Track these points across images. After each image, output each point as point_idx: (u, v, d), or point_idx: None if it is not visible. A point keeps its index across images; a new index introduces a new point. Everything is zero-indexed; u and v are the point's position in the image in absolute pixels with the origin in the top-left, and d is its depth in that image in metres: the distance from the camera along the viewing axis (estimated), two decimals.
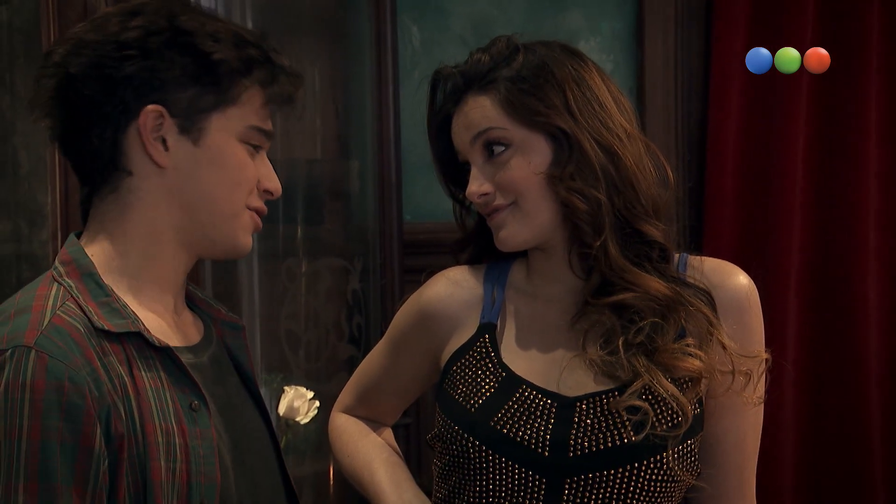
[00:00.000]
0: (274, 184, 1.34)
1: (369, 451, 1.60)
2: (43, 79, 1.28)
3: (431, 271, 1.58)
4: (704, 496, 1.47)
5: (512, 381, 1.43)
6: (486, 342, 1.47)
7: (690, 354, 1.39)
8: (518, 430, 1.40)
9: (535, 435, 1.39)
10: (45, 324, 1.19)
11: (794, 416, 2.74)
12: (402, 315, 1.59)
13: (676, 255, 1.49)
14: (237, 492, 1.29)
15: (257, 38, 1.30)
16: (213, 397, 1.30)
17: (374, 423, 1.67)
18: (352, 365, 2.54)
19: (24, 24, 2.36)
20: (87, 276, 1.26)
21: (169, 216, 1.28)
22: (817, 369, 2.78)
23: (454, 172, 1.53)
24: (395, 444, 1.67)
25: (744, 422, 1.46)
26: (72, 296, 1.23)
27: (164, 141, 1.26)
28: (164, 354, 1.27)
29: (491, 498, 1.41)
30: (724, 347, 1.41)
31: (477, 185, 1.45)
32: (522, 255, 1.53)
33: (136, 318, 1.25)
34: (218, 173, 1.29)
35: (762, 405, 1.47)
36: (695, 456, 1.42)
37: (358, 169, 2.63)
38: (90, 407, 1.16)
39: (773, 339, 1.49)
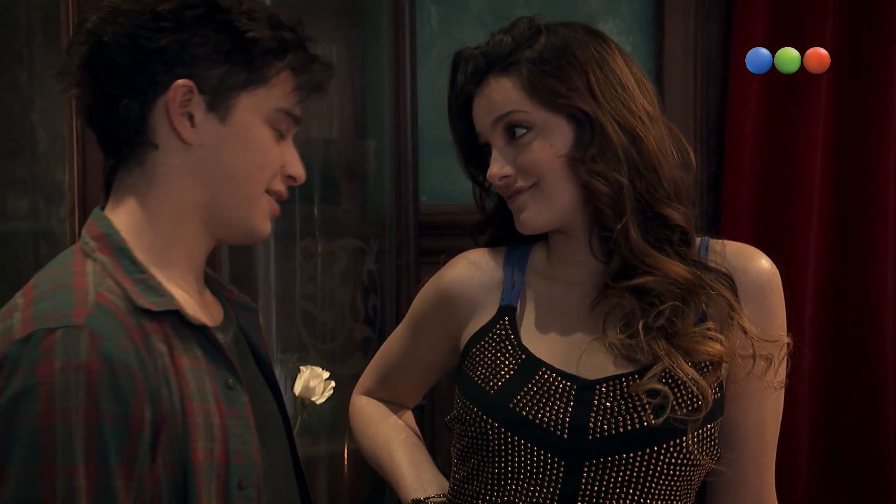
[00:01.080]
0: (297, 170, 1.34)
1: (388, 433, 1.61)
2: (75, 45, 1.27)
3: (451, 254, 1.58)
4: (723, 480, 1.47)
5: (531, 364, 1.43)
6: (505, 324, 1.47)
7: (711, 338, 1.39)
8: (537, 412, 1.40)
9: (554, 417, 1.39)
10: (90, 302, 1.18)
11: (810, 403, 2.74)
12: (423, 297, 1.59)
13: (698, 239, 1.48)
14: (263, 472, 1.29)
15: (293, 22, 1.30)
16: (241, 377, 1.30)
17: (395, 406, 1.67)
18: (367, 346, 2.55)
19: (43, 1, 2.36)
20: (120, 251, 1.25)
21: (193, 193, 1.28)
22: (834, 356, 2.76)
23: (474, 154, 1.52)
24: (416, 427, 1.67)
25: (763, 407, 1.45)
26: (107, 272, 1.23)
27: (190, 117, 1.26)
28: (199, 333, 1.27)
29: (509, 480, 1.41)
30: (744, 332, 1.40)
31: (498, 168, 1.45)
32: (542, 237, 1.53)
33: (172, 296, 1.25)
34: (242, 153, 1.28)
35: (783, 391, 1.47)
36: (715, 440, 1.41)
37: (374, 149, 2.62)
38: (139, 389, 1.16)
39: (790, 326, 1.48)
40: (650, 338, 1.39)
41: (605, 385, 1.40)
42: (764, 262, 1.46)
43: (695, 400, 1.38)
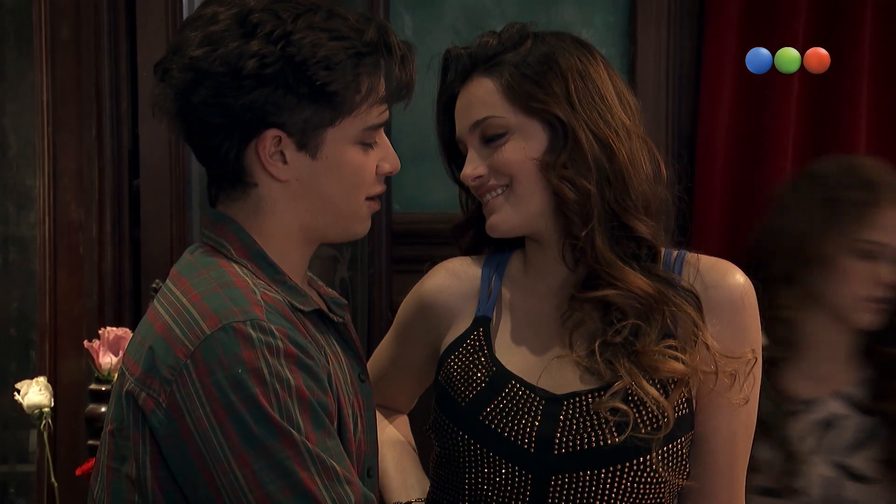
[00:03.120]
0: (392, 163, 1.39)
1: (379, 437, 1.61)
2: (161, 99, 1.31)
3: (432, 262, 1.59)
4: (693, 495, 1.47)
5: (502, 377, 1.44)
6: (479, 336, 1.48)
7: (672, 357, 1.39)
8: (506, 425, 1.41)
9: (521, 431, 1.40)
10: (261, 301, 1.24)
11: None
12: (405, 306, 1.61)
13: (675, 252, 1.49)
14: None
15: (373, 42, 1.31)
16: None
17: (389, 411, 1.67)
18: None
19: (15, 4, 2.35)
20: (257, 255, 1.31)
21: (297, 219, 1.33)
22: None
23: (458, 156, 1.53)
24: (409, 432, 1.68)
25: (734, 422, 1.46)
26: (254, 274, 1.29)
27: (282, 155, 1.30)
28: (334, 329, 1.35)
29: (479, 491, 1.42)
30: (708, 348, 1.41)
31: (471, 168, 1.47)
32: (521, 246, 1.53)
33: (310, 296, 1.32)
34: (337, 181, 1.33)
35: (756, 406, 1.47)
36: (682, 457, 1.42)
37: None
38: (324, 374, 1.24)
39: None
40: (609, 355, 1.40)
41: (571, 401, 1.41)
42: (738, 277, 1.47)
43: (657, 419, 1.38)
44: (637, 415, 1.38)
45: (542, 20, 2.75)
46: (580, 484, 1.38)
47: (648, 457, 1.37)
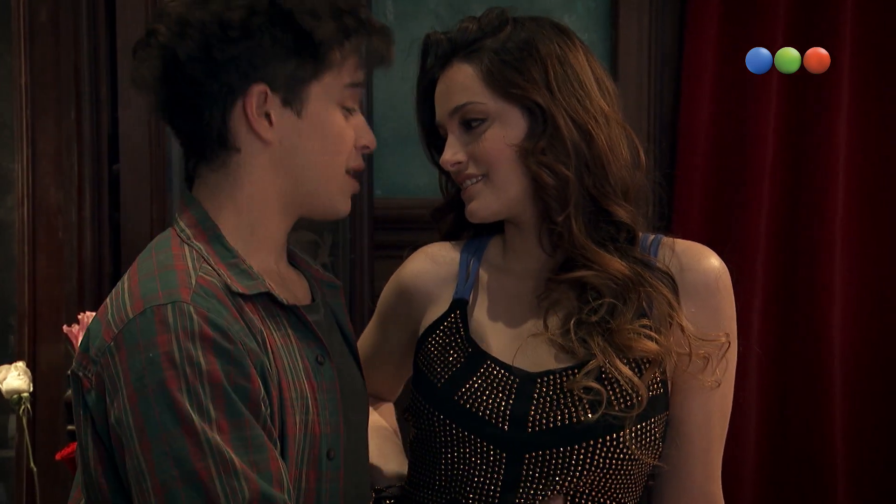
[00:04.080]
0: (369, 137, 1.39)
1: None
2: (147, 59, 1.31)
3: (415, 247, 1.59)
4: (669, 474, 1.48)
5: (477, 357, 1.45)
6: (456, 318, 1.49)
7: (646, 336, 1.40)
8: (480, 404, 1.42)
9: (495, 410, 1.41)
10: (193, 283, 1.24)
11: (757, 397, 2.77)
12: (386, 291, 1.62)
13: (651, 236, 1.50)
14: (345, 443, 1.36)
15: (354, 5, 1.33)
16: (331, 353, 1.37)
17: (374, 398, 1.68)
18: None
19: None
20: (214, 238, 1.31)
21: (276, 186, 1.33)
22: (781, 357, 2.80)
23: (437, 139, 1.53)
24: (394, 419, 1.69)
25: (709, 403, 1.47)
26: (203, 258, 1.28)
27: (267, 116, 1.30)
28: (289, 312, 1.33)
29: (456, 470, 1.43)
30: (682, 330, 1.42)
31: (451, 154, 1.47)
32: (501, 230, 1.54)
33: (263, 279, 1.31)
34: (321, 142, 1.33)
35: (731, 388, 1.48)
36: (655, 437, 1.43)
37: None
38: (251, 357, 1.23)
39: (738, 326, 1.50)
40: (584, 334, 1.41)
41: (545, 378, 1.42)
42: (713, 261, 1.48)
43: (630, 397, 1.39)
44: (610, 393, 1.38)
45: (524, 6, 2.74)
46: (553, 461, 1.39)
47: (621, 434, 1.38)
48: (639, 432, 1.40)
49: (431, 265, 1.56)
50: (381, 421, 1.64)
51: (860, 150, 2.79)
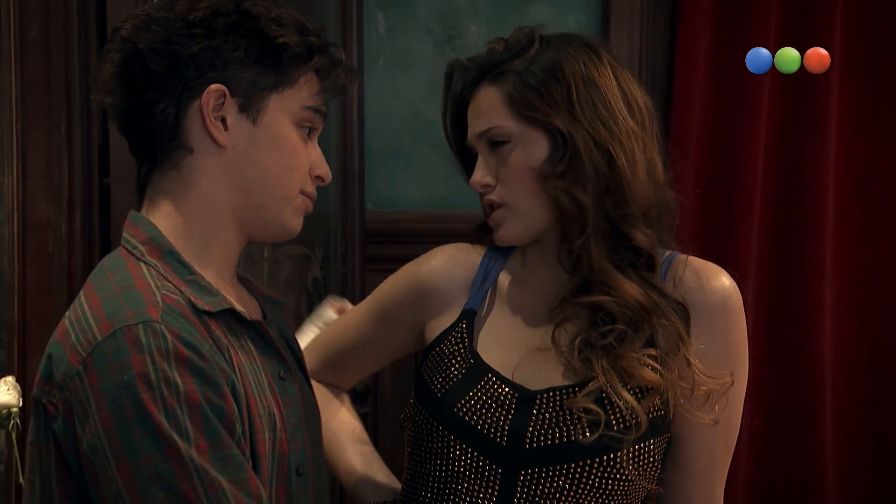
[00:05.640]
0: (324, 170, 1.38)
1: (339, 427, 1.62)
2: (109, 53, 1.30)
3: (402, 260, 1.59)
4: (670, 495, 1.48)
5: (479, 369, 1.45)
6: (462, 329, 1.49)
7: (648, 366, 1.39)
8: (479, 418, 1.41)
9: (494, 424, 1.41)
10: (160, 302, 1.21)
11: (747, 412, 2.76)
12: (396, 285, 1.59)
13: (667, 253, 1.50)
14: (313, 461, 1.35)
15: (318, 28, 1.34)
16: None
17: (334, 389, 1.67)
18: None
19: None
20: (168, 254, 1.28)
21: (228, 195, 1.31)
22: (772, 362, 2.79)
23: (471, 158, 1.54)
24: (356, 413, 1.68)
25: (710, 428, 1.46)
26: (161, 275, 1.26)
27: (223, 120, 1.29)
28: (250, 328, 1.31)
29: (450, 482, 1.43)
30: (689, 364, 1.41)
31: (480, 176, 1.48)
32: None
33: (223, 295, 1.29)
34: (274, 154, 1.31)
35: (738, 413, 1.48)
36: (653, 458, 1.42)
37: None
38: (223, 376, 1.21)
39: None
40: (590, 354, 1.41)
41: (545, 395, 1.41)
42: (725, 280, 1.48)
43: (628, 421, 1.39)
44: (610, 416, 1.38)
45: (515, 19, 2.75)
46: (548, 479, 1.39)
47: (618, 454, 1.38)
48: (637, 453, 1.40)
49: (454, 266, 1.55)
50: (354, 424, 1.63)
51: (852, 161, 2.80)
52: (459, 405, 1.42)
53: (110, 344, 1.17)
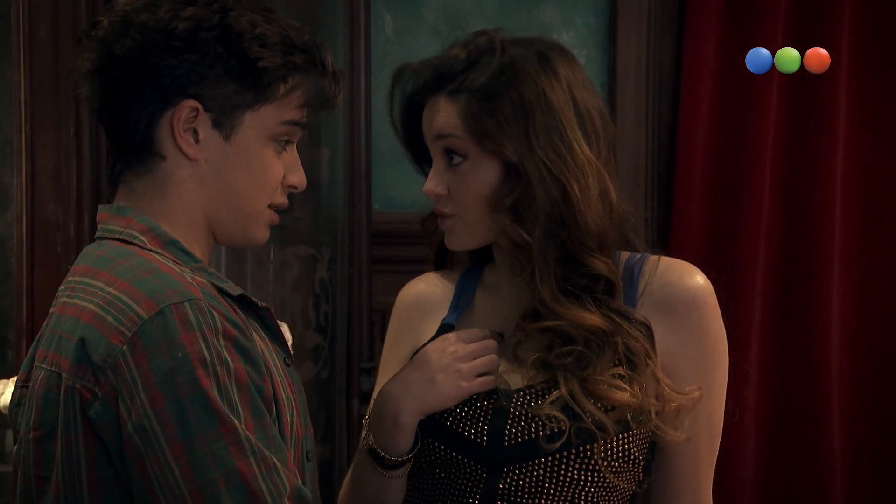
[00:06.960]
0: (299, 178, 1.35)
1: None
2: (85, 51, 1.28)
3: (412, 262, 1.61)
4: (658, 493, 1.49)
5: None
6: None
7: (618, 387, 1.39)
8: (460, 422, 1.43)
9: (474, 427, 1.43)
10: (192, 282, 1.20)
11: (755, 415, 2.77)
12: (389, 325, 1.61)
13: (637, 255, 1.49)
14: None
15: (306, 41, 1.30)
16: None
17: None
18: (318, 353, 2.54)
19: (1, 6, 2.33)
20: (170, 244, 1.27)
21: (201, 204, 1.29)
22: (780, 368, 2.80)
23: (425, 154, 1.52)
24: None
25: (694, 423, 1.45)
26: (175, 260, 1.24)
27: (195, 132, 1.26)
28: (259, 315, 1.30)
29: (440, 486, 1.45)
30: (657, 381, 1.41)
31: (433, 185, 1.47)
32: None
33: (232, 282, 1.28)
34: (245, 172, 1.29)
35: (720, 408, 1.47)
36: (629, 454, 1.41)
37: (328, 157, 2.62)
38: (259, 358, 1.20)
39: (738, 337, 1.49)
40: (555, 371, 1.41)
41: (522, 392, 1.43)
42: (698, 278, 1.46)
43: (593, 428, 1.39)
44: (574, 424, 1.39)
45: (522, 21, 2.75)
46: (529, 474, 1.40)
47: (594, 446, 1.38)
48: (610, 446, 1.40)
49: (427, 287, 1.58)
50: None
51: (859, 163, 2.80)
52: (446, 414, 1.44)
53: (158, 322, 1.15)
